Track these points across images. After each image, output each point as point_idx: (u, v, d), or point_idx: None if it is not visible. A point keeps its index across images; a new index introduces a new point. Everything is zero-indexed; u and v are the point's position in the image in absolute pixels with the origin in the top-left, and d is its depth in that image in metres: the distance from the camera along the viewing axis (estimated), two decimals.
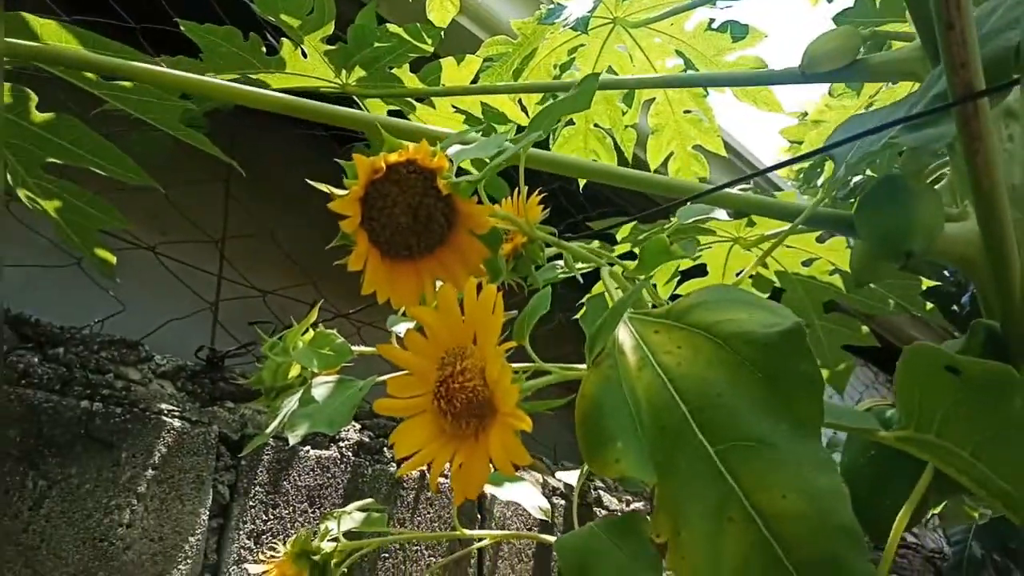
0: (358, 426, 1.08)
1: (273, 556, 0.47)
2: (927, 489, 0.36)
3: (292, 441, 0.40)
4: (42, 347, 0.85)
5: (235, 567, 0.87)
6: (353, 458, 1.02)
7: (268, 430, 0.46)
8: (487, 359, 0.29)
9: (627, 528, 0.33)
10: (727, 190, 0.50)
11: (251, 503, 0.91)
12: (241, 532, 0.89)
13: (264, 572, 0.47)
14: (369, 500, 0.51)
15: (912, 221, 0.37)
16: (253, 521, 0.91)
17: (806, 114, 1.34)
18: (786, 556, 0.22)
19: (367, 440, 1.07)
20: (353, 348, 0.46)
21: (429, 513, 1.08)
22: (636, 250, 1.03)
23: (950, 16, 0.29)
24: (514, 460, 0.27)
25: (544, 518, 0.73)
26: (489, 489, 0.60)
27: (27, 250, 1.22)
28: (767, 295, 1.16)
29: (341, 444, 1.03)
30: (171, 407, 0.89)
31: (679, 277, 1.17)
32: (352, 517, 0.48)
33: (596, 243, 1.06)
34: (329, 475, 0.99)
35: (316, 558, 0.44)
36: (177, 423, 0.88)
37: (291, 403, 0.46)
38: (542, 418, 0.32)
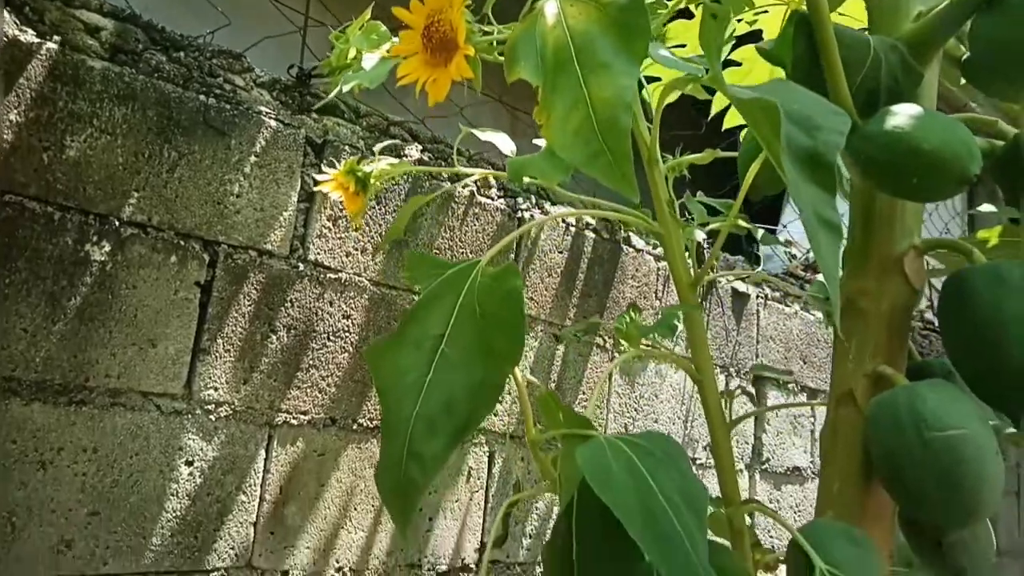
0: (420, 147, 1.27)
1: (332, 170, 0.68)
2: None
3: (345, 89, 0.58)
4: (167, 50, 1.05)
5: (317, 239, 1.13)
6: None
7: (331, 94, 0.65)
8: (454, 13, 0.45)
9: None
10: None
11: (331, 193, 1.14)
12: (322, 215, 1.13)
13: (327, 180, 0.68)
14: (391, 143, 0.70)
15: None
16: (332, 208, 1.14)
17: None
18: (595, 118, 0.39)
19: (427, 159, 1.27)
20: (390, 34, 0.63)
21: (475, 225, 1.30)
22: None
23: None
24: (463, 75, 0.45)
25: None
26: (478, 134, 0.77)
27: None
28: None
29: (405, 158, 1.24)
30: (268, 110, 1.10)
31: (735, 42, 1.25)
32: (384, 159, 0.67)
33: None
34: (392, 181, 1.20)
35: (359, 175, 0.65)
36: (273, 123, 1.09)
37: (348, 75, 0.65)
38: None
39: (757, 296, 1.83)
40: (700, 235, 0.87)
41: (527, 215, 1.38)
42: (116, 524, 0.94)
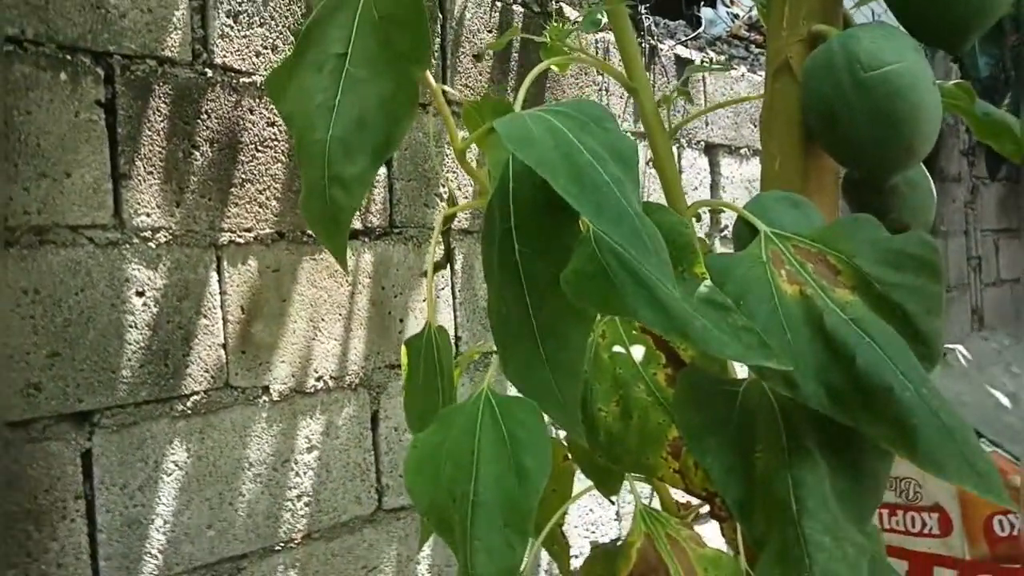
0: None
1: None
2: None
3: None
4: None
5: (220, 40, 1.03)
6: None
7: None
8: None
9: None
10: None
11: None
12: (220, 11, 1.03)
13: None
14: None
15: None
16: (230, 3, 1.04)
17: None
18: None
19: None
20: None
21: None
22: None
23: None
24: None
25: None
26: None
27: None
28: None
29: None
30: None
31: None
32: None
33: None
34: None
35: None
36: None
37: None
38: None
39: (702, 61, 1.77)
40: None
41: None
42: (80, 362, 0.92)
